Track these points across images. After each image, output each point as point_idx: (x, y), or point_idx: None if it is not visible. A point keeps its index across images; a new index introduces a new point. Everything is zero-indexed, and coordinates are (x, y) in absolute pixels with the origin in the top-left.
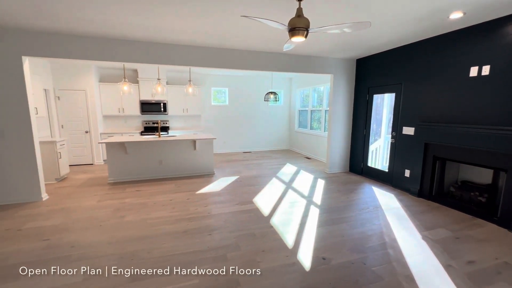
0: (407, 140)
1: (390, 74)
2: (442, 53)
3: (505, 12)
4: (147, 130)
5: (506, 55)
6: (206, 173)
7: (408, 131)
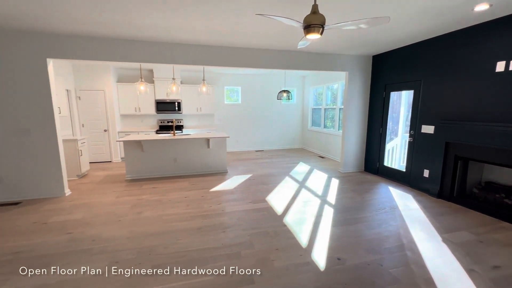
0: (426, 138)
1: (408, 70)
2: (466, 47)
3: None
4: (162, 128)
5: None
6: (220, 171)
7: (428, 129)
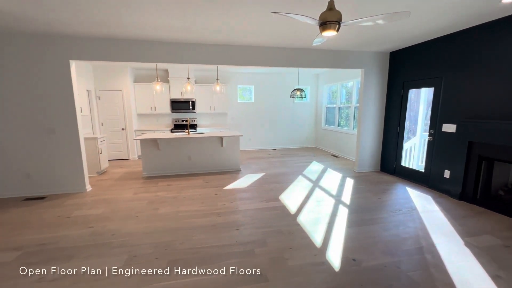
0: (447, 138)
1: (428, 67)
2: (491, 42)
3: None
4: (176, 127)
5: None
6: (233, 169)
7: (449, 128)
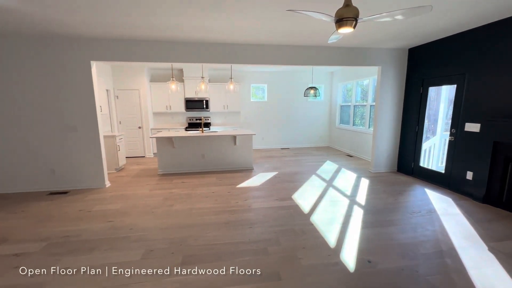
0: (470, 137)
1: (450, 63)
2: None
3: None
4: (191, 126)
5: None
6: (246, 168)
7: (472, 127)
